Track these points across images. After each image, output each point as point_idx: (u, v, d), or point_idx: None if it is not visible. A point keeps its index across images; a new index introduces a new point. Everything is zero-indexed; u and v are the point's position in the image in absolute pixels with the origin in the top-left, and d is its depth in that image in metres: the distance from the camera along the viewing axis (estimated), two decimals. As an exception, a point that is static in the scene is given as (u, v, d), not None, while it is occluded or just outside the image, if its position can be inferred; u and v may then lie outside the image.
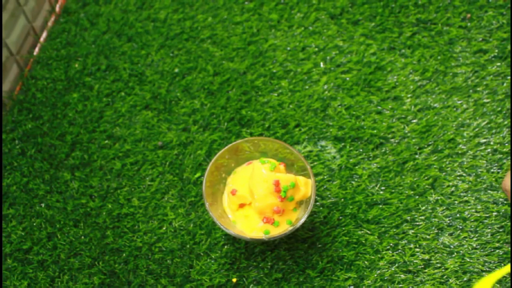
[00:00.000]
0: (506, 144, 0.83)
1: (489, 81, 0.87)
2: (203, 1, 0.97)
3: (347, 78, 0.89)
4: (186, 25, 0.95)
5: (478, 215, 0.79)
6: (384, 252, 0.77)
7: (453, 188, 0.81)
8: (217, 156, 0.75)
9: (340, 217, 0.80)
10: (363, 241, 0.78)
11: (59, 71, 0.92)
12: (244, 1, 0.97)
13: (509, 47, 0.89)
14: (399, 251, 0.77)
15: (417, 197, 0.80)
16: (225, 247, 0.79)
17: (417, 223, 0.79)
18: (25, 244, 0.80)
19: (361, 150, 0.84)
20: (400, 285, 0.75)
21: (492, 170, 0.81)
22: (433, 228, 0.78)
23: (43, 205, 0.83)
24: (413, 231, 0.78)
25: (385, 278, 0.76)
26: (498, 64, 0.88)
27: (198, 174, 0.83)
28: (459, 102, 0.86)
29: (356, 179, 0.82)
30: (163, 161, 0.85)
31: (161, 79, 0.91)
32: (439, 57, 0.90)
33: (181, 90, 0.90)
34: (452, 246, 0.77)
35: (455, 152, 0.83)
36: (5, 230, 0.81)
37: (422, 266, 0.76)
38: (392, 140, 0.84)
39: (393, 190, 0.81)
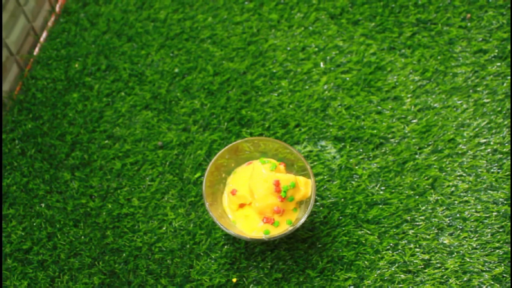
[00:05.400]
0: (506, 144, 0.83)
1: (489, 81, 0.87)
2: (203, 1, 0.97)
3: (347, 78, 0.89)
4: (186, 25, 0.95)
5: (478, 215, 0.79)
6: (384, 252, 0.77)
7: (453, 188, 0.81)
8: (217, 156, 0.75)
9: (340, 217, 0.80)
10: (363, 241, 0.78)
11: (59, 71, 0.92)
12: (244, 1, 0.97)
13: (509, 47, 0.89)
14: (399, 251, 0.77)
15: (417, 197, 0.80)
16: (225, 247, 0.79)
17: (417, 223, 0.79)
18: (25, 244, 0.80)
19: (361, 150, 0.84)
20: (400, 285, 0.75)
21: (492, 170, 0.81)
22: (433, 228, 0.78)
23: (43, 205, 0.83)
24: (413, 231, 0.78)
25: (385, 278, 0.76)
26: (498, 64, 0.88)
27: (198, 174, 0.83)
28: (459, 102, 0.86)
29: (356, 179, 0.82)
30: (163, 161, 0.85)
31: (161, 79, 0.91)
32: (439, 57, 0.90)
33: (181, 90, 0.90)
34: (452, 246, 0.77)
35: (455, 152, 0.83)
36: (5, 230, 0.81)
37: (422, 266, 0.76)
38: (392, 140, 0.84)
39: (393, 190, 0.81)
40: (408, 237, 0.78)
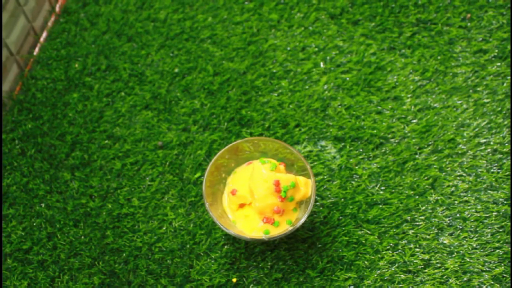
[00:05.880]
0: (506, 144, 0.83)
1: (489, 81, 0.87)
2: (203, 1, 0.97)
3: (347, 78, 0.89)
4: (186, 25, 0.95)
5: (478, 215, 0.79)
6: (384, 252, 0.77)
7: (453, 188, 0.81)
8: (217, 156, 0.75)
9: (340, 217, 0.80)
10: (363, 241, 0.78)
11: (59, 71, 0.92)
12: (244, 1, 0.97)
13: (509, 47, 0.89)
14: (399, 251, 0.77)
15: (417, 197, 0.80)
16: (225, 247, 0.79)
17: (417, 223, 0.79)
18: (25, 244, 0.80)
19: (361, 150, 0.84)
20: (400, 285, 0.75)
21: (492, 170, 0.81)
22: (433, 228, 0.78)
23: (43, 205, 0.83)
24: (413, 231, 0.78)
25: (385, 278, 0.76)
26: (498, 64, 0.88)
27: (198, 174, 0.83)
28: (459, 102, 0.86)
29: (356, 179, 0.82)
30: (163, 161, 0.85)
31: (161, 79, 0.91)
32: (439, 57, 0.90)
33: (181, 90, 0.90)
34: (452, 246, 0.77)
35: (455, 152, 0.83)
36: (5, 230, 0.81)
37: (422, 266, 0.76)
38: (392, 140, 0.84)
39: (393, 190, 0.81)
40: (408, 237, 0.78)
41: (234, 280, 0.77)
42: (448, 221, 0.79)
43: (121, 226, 0.81)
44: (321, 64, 0.91)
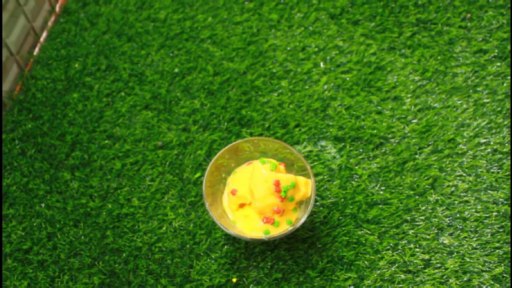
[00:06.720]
0: (506, 144, 0.83)
1: (489, 81, 0.87)
2: (203, 1, 0.97)
3: (347, 78, 0.89)
4: (186, 25, 0.95)
5: (478, 215, 0.79)
6: (384, 252, 0.77)
7: (453, 188, 0.81)
8: (217, 156, 0.75)
9: (340, 217, 0.80)
10: (363, 241, 0.78)
11: (59, 71, 0.92)
12: (244, 1, 0.97)
13: (509, 47, 0.89)
14: (399, 251, 0.77)
15: (417, 197, 0.80)
16: (225, 247, 0.79)
17: (417, 223, 0.79)
18: (25, 244, 0.80)
19: (361, 150, 0.84)
20: (400, 285, 0.75)
21: (492, 170, 0.81)
22: (433, 228, 0.78)
23: (43, 205, 0.83)
24: (413, 231, 0.78)
25: (385, 278, 0.76)
26: (498, 64, 0.88)
27: (198, 174, 0.83)
28: (459, 102, 0.86)
29: (356, 179, 0.82)
30: (163, 161, 0.85)
31: (161, 79, 0.91)
32: (439, 57, 0.90)
33: (181, 90, 0.90)
34: (452, 246, 0.77)
35: (455, 152, 0.83)
36: (5, 230, 0.81)
37: (422, 266, 0.76)
38: (392, 140, 0.84)
39: (393, 190, 0.81)
40: (408, 237, 0.78)
41: (234, 280, 0.77)
42: (448, 221, 0.79)
43: (121, 226, 0.81)
44: (321, 64, 0.91)
